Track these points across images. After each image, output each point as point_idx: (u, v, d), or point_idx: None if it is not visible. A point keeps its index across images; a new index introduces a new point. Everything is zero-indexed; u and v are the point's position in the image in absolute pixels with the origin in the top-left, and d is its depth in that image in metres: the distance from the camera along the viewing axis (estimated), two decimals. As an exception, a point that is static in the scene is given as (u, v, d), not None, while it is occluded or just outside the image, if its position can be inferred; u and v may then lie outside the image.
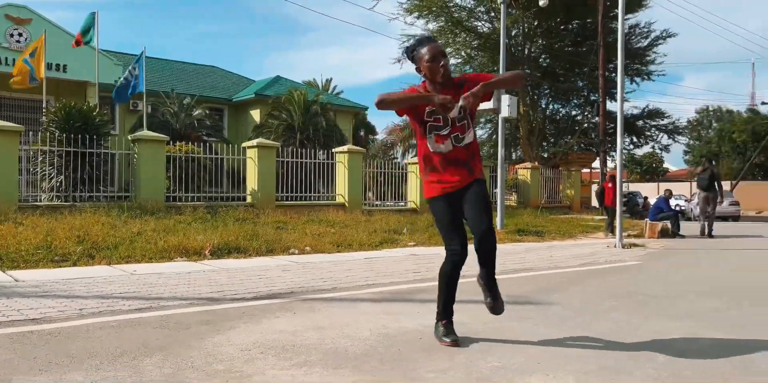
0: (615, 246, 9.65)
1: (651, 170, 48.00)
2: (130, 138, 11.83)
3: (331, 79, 56.11)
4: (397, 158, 32.40)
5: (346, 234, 9.77)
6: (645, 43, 25.01)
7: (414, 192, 16.78)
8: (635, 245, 9.99)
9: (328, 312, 4.12)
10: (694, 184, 35.77)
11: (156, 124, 16.24)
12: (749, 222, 21.47)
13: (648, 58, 25.12)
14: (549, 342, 3.30)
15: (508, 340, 3.29)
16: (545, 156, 25.60)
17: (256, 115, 21.81)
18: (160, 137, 11.85)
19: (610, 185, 13.10)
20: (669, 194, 13.82)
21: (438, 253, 8.42)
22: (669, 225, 12.35)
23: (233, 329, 3.56)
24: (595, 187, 28.04)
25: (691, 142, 47.47)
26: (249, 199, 12.90)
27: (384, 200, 16.44)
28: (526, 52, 24.63)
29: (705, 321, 3.92)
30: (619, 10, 10.61)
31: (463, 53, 25.07)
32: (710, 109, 49.68)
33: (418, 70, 3.28)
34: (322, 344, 3.21)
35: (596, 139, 22.76)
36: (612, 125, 25.75)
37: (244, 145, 13.65)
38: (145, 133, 12.22)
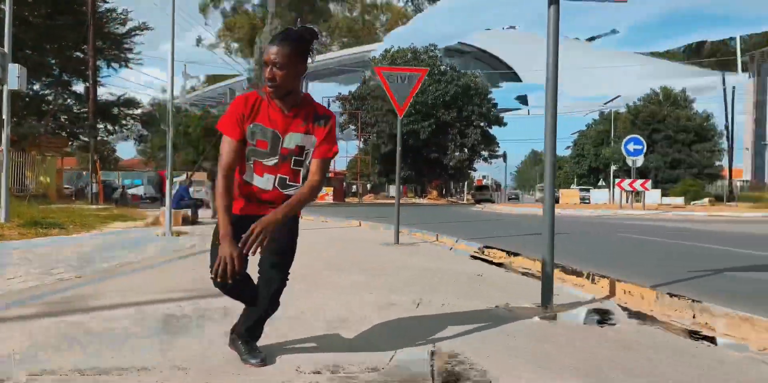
0: (165, 234, 9.45)
1: (102, 158, 47.31)
2: None
3: None
4: None
5: None
6: (123, 29, 24.54)
7: None
8: (182, 232, 10.01)
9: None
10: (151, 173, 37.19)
11: None
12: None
13: (126, 45, 24.76)
14: (395, 321, 3.29)
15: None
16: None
17: None
18: None
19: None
20: (189, 183, 14.23)
21: None
22: (189, 212, 12.79)
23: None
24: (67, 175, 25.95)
25: (144, 133, 48.87)
26: None
27: None
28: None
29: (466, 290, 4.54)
30: None
31: None
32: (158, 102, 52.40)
33: None
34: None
35: (84, 124, 21.14)
36: (84, 110, 24.39)
37: None
38: None
